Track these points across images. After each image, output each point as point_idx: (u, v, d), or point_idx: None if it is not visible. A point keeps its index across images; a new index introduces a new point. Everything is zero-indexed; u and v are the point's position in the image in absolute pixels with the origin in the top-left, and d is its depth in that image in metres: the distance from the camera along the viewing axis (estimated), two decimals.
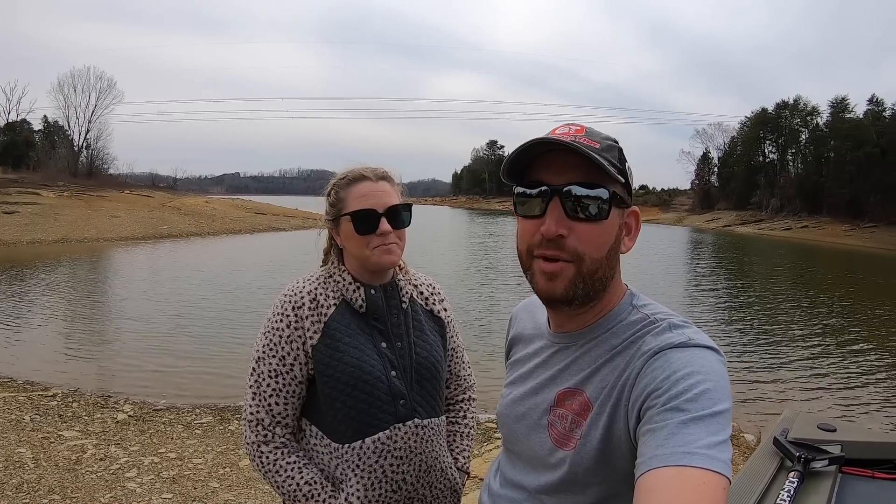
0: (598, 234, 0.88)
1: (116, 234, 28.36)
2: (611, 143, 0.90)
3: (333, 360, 1.37)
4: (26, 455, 4.47)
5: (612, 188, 0.87)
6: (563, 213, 0.87)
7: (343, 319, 1.41)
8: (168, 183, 65.02)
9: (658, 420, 0.76)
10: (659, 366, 0.82)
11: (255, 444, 1.39)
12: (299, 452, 1.41)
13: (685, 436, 0.72)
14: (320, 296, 1.42)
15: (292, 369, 1.39)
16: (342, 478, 1.38)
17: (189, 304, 11.85)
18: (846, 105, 56.29)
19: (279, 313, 1.40)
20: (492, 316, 11.20)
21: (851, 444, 1.28)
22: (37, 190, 33.58)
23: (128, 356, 8.10)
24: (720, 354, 0.84)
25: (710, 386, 0.77)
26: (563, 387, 0.94)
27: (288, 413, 1.40)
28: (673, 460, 0.70)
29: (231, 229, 34.00)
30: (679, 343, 0.84)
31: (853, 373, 8.52)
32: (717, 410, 0.75)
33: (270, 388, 1.38)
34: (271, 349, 1.39)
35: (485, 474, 1.15)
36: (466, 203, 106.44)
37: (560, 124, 0.91)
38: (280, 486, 1.37)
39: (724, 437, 0.73)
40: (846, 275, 23.59)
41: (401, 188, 1.49)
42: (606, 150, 0.88)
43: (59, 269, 17.81)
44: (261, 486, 4.15)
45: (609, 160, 0.87)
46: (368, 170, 1.44)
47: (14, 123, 51.89)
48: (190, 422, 5.57)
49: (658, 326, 0.89)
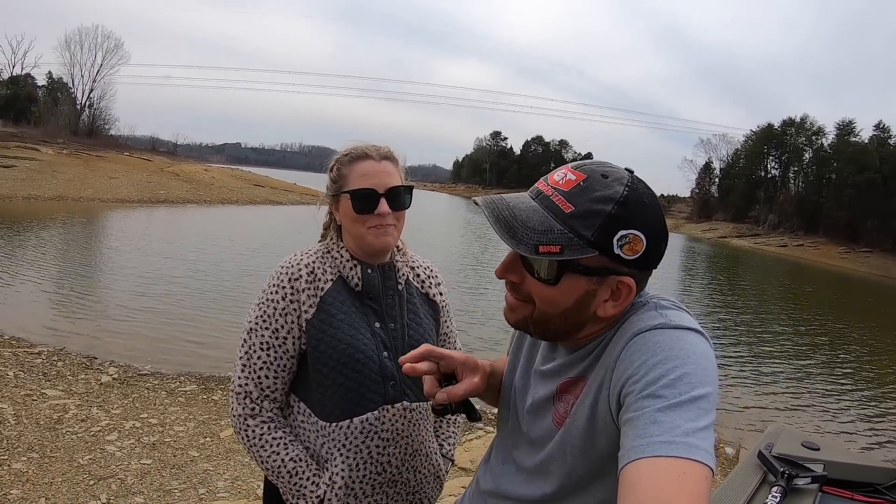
0: (550, 296, 0.86)
1: (113, 196, 28.21)
2: (599, 208, 0.80)
3: (327, 335, 1.36)
4: (7, 411, 4.46)
5: (567, 258, 0.81)
6: (519, 263, 0.88)
7: (339, 296, 1.40)
8: (168, 148, 64.40)
9: (636, 408, 0.74)
10: (637, 349, 0.80)
11: (242, 416, 1.38)
12: (286, 428, 1.41)
13: (662, 424, 0.70)
14: (318, 269, 1.41)
15: (285, 342, 1.37)
16: (327, 456, 1.37)
17: (181, 272, 11.81)
18: (852, 128, 56.49)
19: (275, 284, 1.38)
20: (482, 303, 11.22)
21: (834, 464, 1.28)
22: (36, 146, 33.27)
23: (116, 319, 8.07)
24: (703, 336, 0.82)
25: (688, 370, 0.75)
26: (567, 376, 0.94)
27: (277, 387, 1.39)
28: (651, 451, 0.68)
29: (228, 199, 33.87)
30: (658, 325, 0.82)
31: (837, 393, 8.61)
32: (696, 395, 0.72)
33: (261, 361, 1.37)
34: (265, 321, 1.37)
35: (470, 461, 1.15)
36: (465, 192, 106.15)
37: (568, 166, 0.87)
38: (264, 461, 1.37)
39: (704, 423, 0.71)
40: (838, 298, 23.75)
41: (404, 169, 1.47)
42: (581, 217, 0.80)
43: (53, 226, 17.73)
44: (240, 459, 4.16)
45: (574, 230, 0.80)
46: (372, 148, 1.43)
47: (18, 77, 51.26)
48: (174, 389, 5.56)
49: (643, 307, 0.88)
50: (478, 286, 13.62)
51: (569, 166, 0.86)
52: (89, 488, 3.53)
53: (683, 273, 24.63)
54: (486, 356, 1.15)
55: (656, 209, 0.85)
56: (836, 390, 8.75)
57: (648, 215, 0.83)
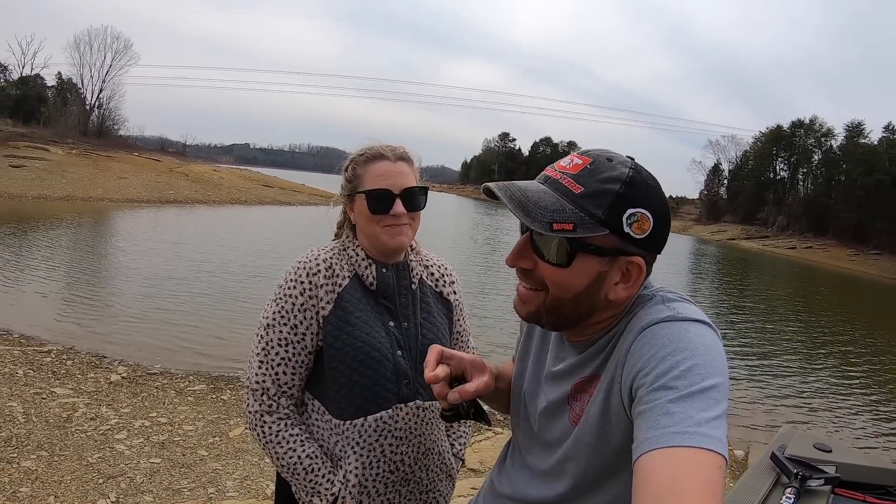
0: (562, 278, 0.87)
1: (122, 196, 28.39)
2: (608, 187, 0.83)
3: (343, 332, 1.36)
4: (17, 409, 4.49)
5: (580, 236, 0.82)
6: (530, 249, 0.89)
7: (355, 294, 1.41)
8: (177, 148, 64.93)
9: (648, 400, 0.75)
10: (646, 342, 0.81)
11: (259, 413, 1.38)
12: (302, 425, 1.41)
13: (675, 415, 0.71)
14: (336, 266, 1.41)
15: (303, 339, 1.37)
16: (341, 455, 1.38)
17: (190, 272, 11.86)
18: (861, 130, 56.09)
19: (293, 279, 1.38)
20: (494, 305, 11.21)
21: (846, 465, 1.27)
22: (46, 146, 33.51)
23: (125, 318, 8.11)
24: (711, 327, 0.83)
25: (698, 361, 0.76)
26: (581, 376, 0.94)
27: (294, 384, 1.39)
28: (664, 441, 0.69)
29: (237, 199, 34.00)
30: (666, 317, 0.82)
31: (850, 396, 8.55)
32: (706, 385, 0.73)
33: (279, 357, 1.37)
34: (283, 316, 1.37)
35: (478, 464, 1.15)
36: (473, 193, 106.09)
37: (574, 153, 0.90)
38: (280, 457, 1.37)
39: (716, 413, 0.71)
40: (848, 300, 23.59)
41: (419, 170, 1.47)
42: (591, 197, 0.83)
43: (62, 226, 17.86)
44: (250, 458, 4.18)
45: (585, 210, 0.82)
46: (388, 149, 1.43)
47: (27, 78, 51.67)
48: (183, 388, 5.59)
49: (651, 301, 0.89)
50: (486, 288, 13.59)
51: (574, 153, 0.89)
52: (98, 487, 3.55)
53: (693, 275, 24.55)
54: (496, 360, 1.14)
55: (660, 192, 0.88)
56: (848, 393, 8.70)
57: (653, 196, 0.86)
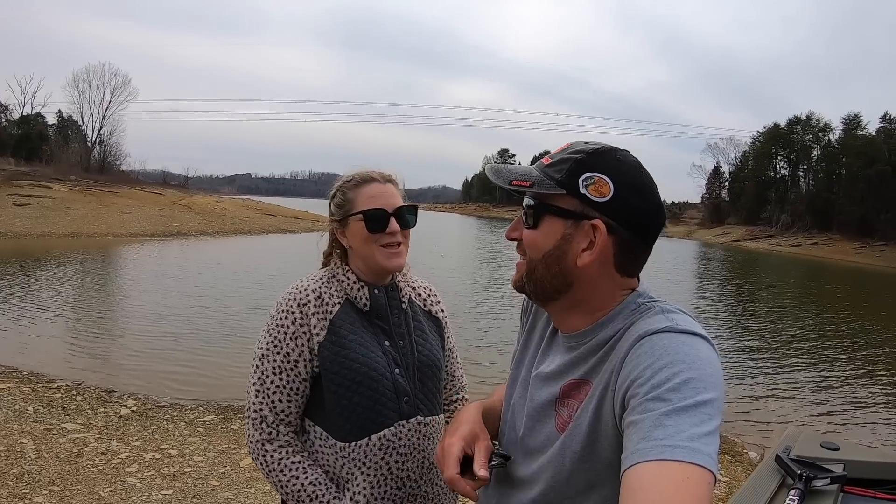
0: (533, 238, 0.94)
1: (126, 231, 28.57)
2: (569, 155, 0.91)
3: (340, 356, 1.38)
4: (28, 446, 4.49)
5: (546, 200, 0.91)
6: (520, 223, 0.98)
7: (348, 318, 1.43)
8: (179, 181, 65.27)
9: (640, 411, 0.74)
10: (643, 352, 0.80)
11: (259, 441, 1.39)
12: (303, 452, 1.42)
13: (667, 428, 0.70)
14: (325, 294, 1.44)
15: (297, 366, 1.39)
16: (348, 477, 1.39)
17: (196, 303, 11.89)
18: (859, 122, 56.17)
19: (284, 310, 1.40)
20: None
21: (854, 463, 1.26)
22: (49, 183, 33.87)
23: (133, 352, 8.12)
24: (709, 342, 0.82)
25: (694, 374, 0.75)
26: (571, 378, 0.93)
27: (292, 411, 1.41)
28: (654, 454, 0.68)
29: (240, 229, 34.16)
30: (664, 328, 0.82)
31: (858, 392, 8.44)
32: (701, 400, 0.72)
33: (274, 385, 1.39)
34: (276, 346, 1.39)
35: None
36: (476, 210, 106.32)
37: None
38: (284, 485, 1.37)
39: (708, 429, 0.71)
40: (855, 293, 23.41)
41: (403, 191, 1.52)
42: (555, 164, 0.92)
43: (68, 262, 17.96)
44: (261, 486, 4.15)
45: (547, 174, 0.91)
46: (375, 172, 1.48)
47: (28, 116, 52.44)
48: (192, 419, 5.58)
49: (650, 311, 0.89)
50: (490, 310, 13.57)
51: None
52: None
53: (699, 280, 24.45)
54: (492, 371, 1.14)
55: (634, 169, 0.91)
56: (858, 390, 8.59)
57: (621, 167, 0.90)
